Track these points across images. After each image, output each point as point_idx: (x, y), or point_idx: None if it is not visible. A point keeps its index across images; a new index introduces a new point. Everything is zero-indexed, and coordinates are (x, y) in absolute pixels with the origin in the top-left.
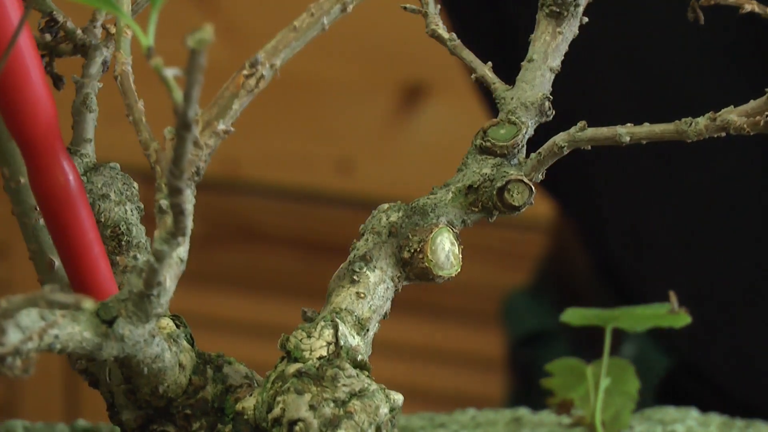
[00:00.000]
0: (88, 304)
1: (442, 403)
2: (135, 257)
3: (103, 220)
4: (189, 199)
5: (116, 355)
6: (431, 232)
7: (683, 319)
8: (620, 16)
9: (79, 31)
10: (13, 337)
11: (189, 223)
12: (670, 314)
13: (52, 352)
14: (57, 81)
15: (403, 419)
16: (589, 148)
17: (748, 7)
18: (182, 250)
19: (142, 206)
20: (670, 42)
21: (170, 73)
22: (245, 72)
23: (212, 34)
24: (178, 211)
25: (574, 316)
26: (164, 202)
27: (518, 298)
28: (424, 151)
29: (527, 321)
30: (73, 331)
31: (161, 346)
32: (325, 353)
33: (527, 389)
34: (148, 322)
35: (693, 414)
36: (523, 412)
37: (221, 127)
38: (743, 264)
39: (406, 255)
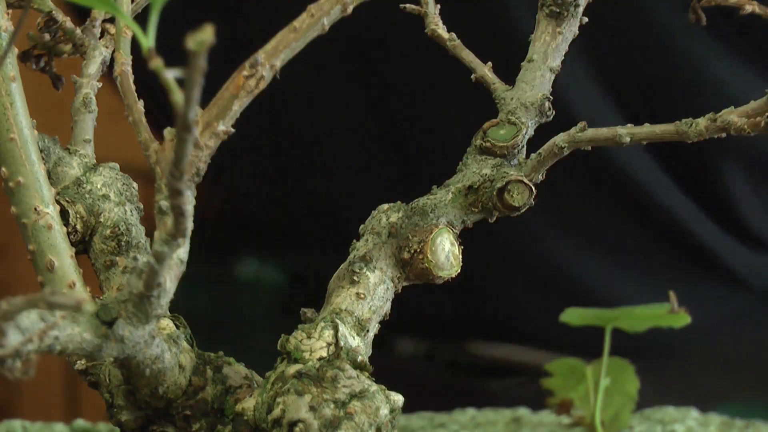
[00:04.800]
0: (88, 305)
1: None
2: (135, 258)
3: (102, 220)
4: (189, 201)
5: (116, 356)
6: (431, 232)
7: (683, 318)
8: None
9: (78, 31)
10: (13, 339)
11: (189, 224)
12: (670, 314)
13: (52, 353)
14: (56, 81)
15: (403, 419)
16: (590, 148)
17: (748, 8)
18: (182, 251)
19: (142, 206)
20: None
21: (170, 74)
22: (245, 73)
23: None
24: (178, 213)
25: (573, 316)
26: (164, 204)
27: None
28: None
29: None
30: (73, 332)
31: (161, 347)
32: (325, 354)
33: None
34: (148, 323)
35: (693, 414)
36: (523, 412)
37: (221, 127)
38: None
39: (406, 255)
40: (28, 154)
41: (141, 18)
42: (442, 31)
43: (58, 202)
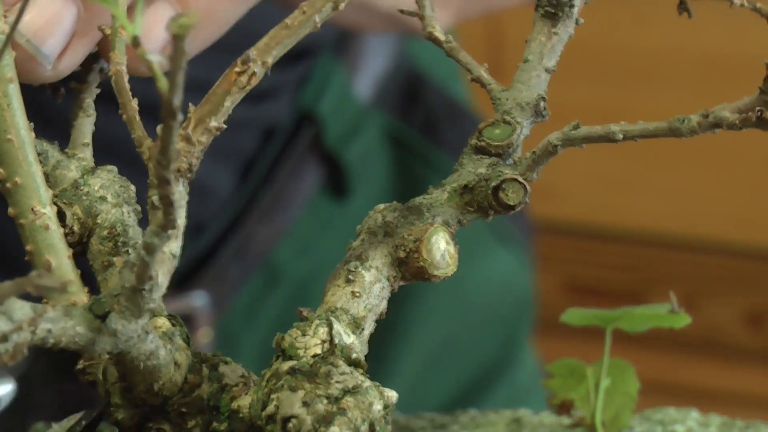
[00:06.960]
0: (74, 287)
1: None
2: (127, 252)
3: (100, 221)
4: (178, 191)
5: (110, 351)
6: (426, 231)
7: (683, 319)
8: None
9: None
10: (2, 325)
11: (180, 216)
12: (671, 314)
13: (46, 346)
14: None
15: (403, 419)
16: (583, 146)
17: (737, 2)
18: (174, 246)
19: (139, 208)
20: None
21: (155, 59)
22: (237, 69)
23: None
24: (167, 203)
25: (573, 316)
26: (155, 198)
27: None
28: None
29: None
30: (66, 325)
31: (155, 343)
32: (319, 351)
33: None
34: (140, 317)
35: (693, 414)
36: (524, 412)
37: (213, 123)
38: None
39: (401, 254)
40: (26, 155)
41: None
42: (439, 33)
43: (55, 203)
